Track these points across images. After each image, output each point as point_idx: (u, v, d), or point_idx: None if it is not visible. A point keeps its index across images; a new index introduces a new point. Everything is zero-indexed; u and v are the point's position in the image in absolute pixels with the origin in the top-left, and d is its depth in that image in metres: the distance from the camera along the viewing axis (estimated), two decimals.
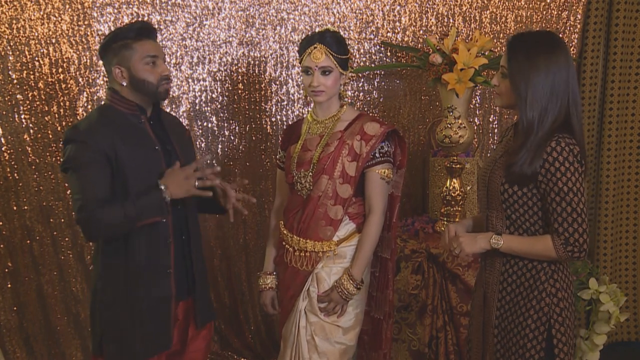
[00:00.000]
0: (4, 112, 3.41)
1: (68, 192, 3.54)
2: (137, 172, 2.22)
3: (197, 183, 2.21)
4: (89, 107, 3.51)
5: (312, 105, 2.59)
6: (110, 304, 2.29)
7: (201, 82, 3.72)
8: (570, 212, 2.01)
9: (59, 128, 3.49)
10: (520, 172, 2.04)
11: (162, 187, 2.18)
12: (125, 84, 2.26)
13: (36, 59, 3.42)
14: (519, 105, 2.07)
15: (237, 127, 3.82)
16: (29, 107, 3.44)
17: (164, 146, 2.32)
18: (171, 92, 3.28)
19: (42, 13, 3.39)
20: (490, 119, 4.09)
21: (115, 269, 2.28)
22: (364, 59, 3.89)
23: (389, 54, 3.92)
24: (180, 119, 3.16)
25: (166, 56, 3.51)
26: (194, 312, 2.43)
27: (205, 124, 3.75)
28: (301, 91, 3.82)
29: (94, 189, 2.17)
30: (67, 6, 3.42)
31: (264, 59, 3.77)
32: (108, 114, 2.29)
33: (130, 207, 2.15)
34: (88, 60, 3.48)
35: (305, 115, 2.67)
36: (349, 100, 2.65)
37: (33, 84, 3.43)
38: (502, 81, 2.13)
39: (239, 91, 3.78)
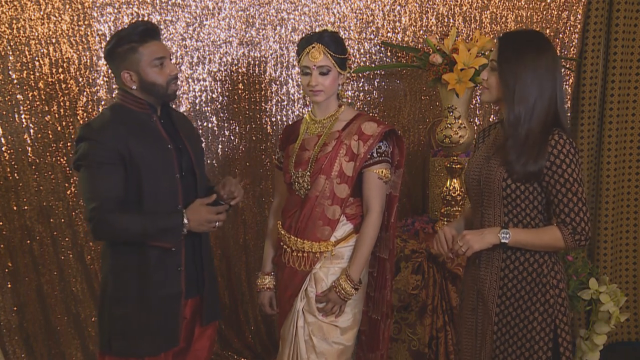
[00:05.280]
0: (4, 112, 3.41)
1: (68, 192, 3.54)
2: (151, 171, 2.25)
3: (217, 224, 2.31)
4: (89, 107, 3.51)
5: (311, 105, 2.60)
6: (121, 300, 2.31)
7: (201, 82, 3.72)
8: (576, 202, 2.06)
9: (59, 128, 3.49)
10: (525, 171, 2.06)
11: (185, 221, 2.25)
12: (135, 87, 2.28)
13: (36, 59, 3.42)
14: (506, 100, 2.10)
15: (237, 127, 3.82)
16: (29, 107, 3.44)
17: (175, 144, 2.35)
18: None
19: (42, 13, 3.39)
20: (491, 119, 4.08)
21: (126, 266, 2.30)
22: (364, 59, 3.89)
23: (389, 54, 3.92)
24: None
25: None
26: (201, 309, 2.45)
27: (205, 124, 3.75)
28: (301, 91, 3.82)
29: (108, 190, 2.20)
30: (67, 6, 3.42)
31: (264, 59, 3.77)
32: (120, 113, 2.31)
33: (150, 224, 2.22)
34: (88, 60, 3.48)
35: (304, 116, 2.67)
36: (349, 101, 2.65)
37: (33, 84, 3.43)
38: (491, 75, 2.15)
39: (239, 91, 3.78)
